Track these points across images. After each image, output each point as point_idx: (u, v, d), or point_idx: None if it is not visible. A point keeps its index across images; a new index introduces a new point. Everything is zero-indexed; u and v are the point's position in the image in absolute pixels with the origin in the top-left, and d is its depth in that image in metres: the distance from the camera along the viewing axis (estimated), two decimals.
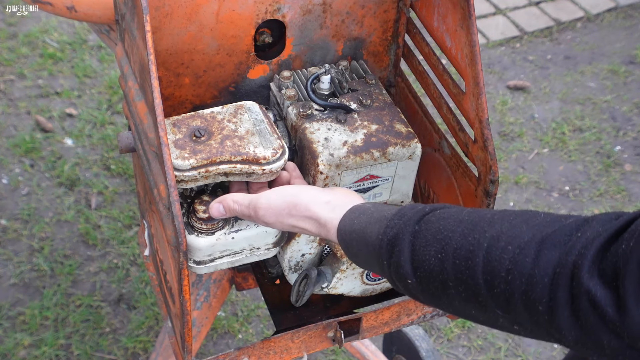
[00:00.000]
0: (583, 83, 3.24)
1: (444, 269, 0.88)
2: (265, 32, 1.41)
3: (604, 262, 0.76)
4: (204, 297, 1.75)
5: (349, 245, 1.02)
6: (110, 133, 2.81)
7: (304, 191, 1.10)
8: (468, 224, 0.88)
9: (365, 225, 1.00)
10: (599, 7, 3.60)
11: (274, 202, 1.10)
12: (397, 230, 0.94)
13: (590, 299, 0.76)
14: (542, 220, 0.84)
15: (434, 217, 0.93)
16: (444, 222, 0.91)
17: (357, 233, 1.00)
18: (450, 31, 1.30)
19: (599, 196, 2.79)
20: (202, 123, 1.25)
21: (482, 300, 0.85)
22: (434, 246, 0.89)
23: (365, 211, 1.02)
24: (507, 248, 0.83)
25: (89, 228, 2.50)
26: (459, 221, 0.90)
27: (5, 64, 3.05)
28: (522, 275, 0.81)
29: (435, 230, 0.90)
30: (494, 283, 0.83)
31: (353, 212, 1.04)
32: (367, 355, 1.95)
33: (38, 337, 2.23)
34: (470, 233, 0.87)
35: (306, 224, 1.08)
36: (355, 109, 1.36)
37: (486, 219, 0.88)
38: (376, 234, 0.97)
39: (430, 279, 0.90)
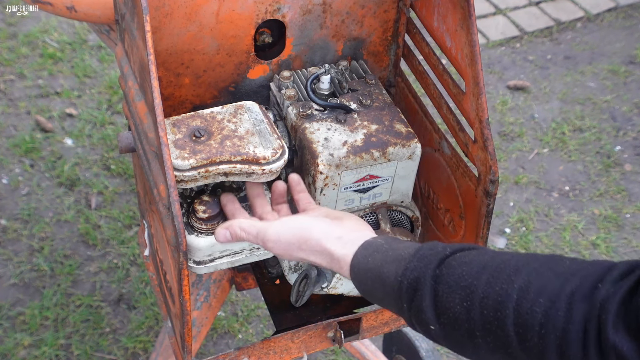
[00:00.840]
0: (583, 83, 3.24)
1: (471, 318, 0.86)
2: (265, 32, 1.41)
3: (628, 314, 0.76)
4: (204, 297, 1.75)
5: (362, 283, 1.00)
6: (110, 133, 2.81)
7: (315, 225, 1.08)
8: (492, 271, 0.87)
9: (380, 264, 0.98)
10: (599, 7, 3.60)
11: (283, 235, 1.08)
12: (417, 274, 0.92)
13: (617, 353, 0.76)
14: (568, 269, 0.83)
15: (455, 261, 0.91)
16: (467, 268, 0.89)
17: (373, 272, 0.98)
18: (450, 31, 1.30)
19: (599, 196, 2.79)
20: (202, 123, 1.25)
21: (512, 352, 0.84)
22: (458, 293, 0.88)
23: (379, 248, 1.00)
24: (538, 300, 0.82)
25: (89, 228, 2.50)
26: (482, 267, 0.88)
27: (5, 64, 3.05)
28: (556, 329, 0.80)
29: (458, 276, 0.89)
30: (527, 336, 0.82)
31: (366, 249, 1.01)
32: (367, 355, 1.95)
33: (38, 337, 2.23)
34: (497, 282, 0.86)
35: (317, 258, 1.06)
36: (355, 109, 1.36)
37: (511, 266, 0.86)
38: (394, 275, 0.95)
39: (455, 327, 0.89)
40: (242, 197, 1.30)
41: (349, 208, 1.34)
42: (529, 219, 2.69)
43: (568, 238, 2.63)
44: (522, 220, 2.69)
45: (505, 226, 2.67)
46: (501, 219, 2.69)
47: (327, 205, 1.31)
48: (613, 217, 2.71)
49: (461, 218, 1.38)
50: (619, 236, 2.66)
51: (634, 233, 2.67)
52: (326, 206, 1.31)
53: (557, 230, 2.66)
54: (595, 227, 2.68)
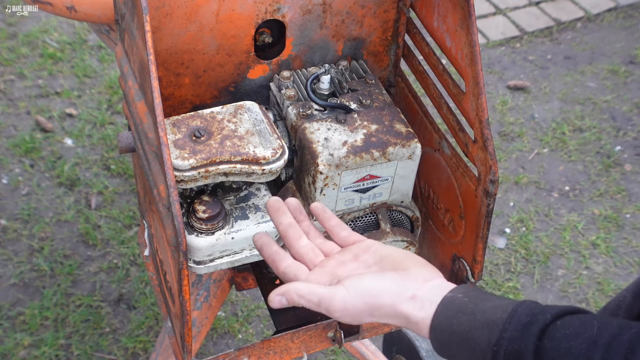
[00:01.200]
0: (583, 83, 3.24)
1: None
2: (265, 32, 1.41)
3: None
4: (204, 297, 1.75)
5: (445, 347, 0.93)
6: (110, 133, 2.81)
7: (385, 288, 0.96)
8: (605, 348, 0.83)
9: (468, 329, 0.90)
10: (599, 7, 3.60)
11: (351, 304, 0.96)
12: (517, 346, 0.86)
13: None
14: None
15: (558, 332, 0.86)
16: (574, 342, 0.84)
17: (459, 336, 0.91)
18: (450, 31, 1.30)
19: (599, 196, 2.79)
20: (202, 123, 1.25)
21: None
22: None
23: (463, 308, 0.92)
24: None
25: (89, 228, 2.50)
26: (592, 343, 0.83)
27: (5, 64, 3.05)
28: None
29: (564, 351, 0.84)
30: None
31: (449, 309, 0.93)
32: (367, 355, 1.95)
33: (38, 337, 2.23)
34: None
35: (392, 321, 0.97)
36: (355, 109, 1.36)
37: (624, 342, 0.82)
38: (486, 343, 0.89)
39: None
40: (242, 197, 1.30)
41: (348, 208, 1.34)
42: (529, 219, 2.69)
43: (568, 238, 2.63)
44: (522, 220, 2.69)
45: (505, 226, 2.67)
46: (501, 219, 2.69)
47: (327, 205, 1.31)
48: (613, 217, 2.71)
49: (461, 218, 1.38)
50: (619, 236, 2.66)
51: (634, 233, 2.67)
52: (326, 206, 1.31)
53: (557, 230, 2.66)
54: (595, 227, 2.68)
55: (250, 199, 1.30)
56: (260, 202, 1.29)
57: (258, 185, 1.32)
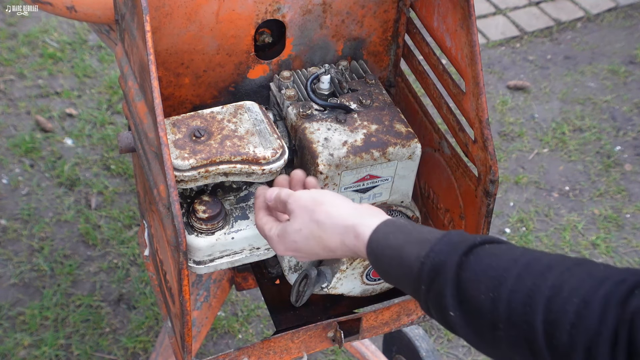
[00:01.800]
0: (583, 83, 3.24)
1: (496, 309, 0.85)
2: (265, 32, 1.41)
3: None
4: (204, 297, 1.75)
5: (378, 260, 0.98)
6: (110, 133, 2.81)
7: (333, 195, 1.06)
8: (524, 265, 0.86)
9: (403, 243, 0.96)
10: (599, 7, 3.60)
11: (304, 197, 1.06)
12: (442, 258, 0.90)
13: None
14: (603, 273, 0.82)
15: (484, 251, 0.89)
16: (496, 259, 0.88)
17: (392, 249, 0.96)
18: (450, 31, 1.30)
19: (599, 196, 2.79)
20: (202, 123, 1.25)
21: (534, 348, 0.83)
22: (484, 283, 0.86)
23: (402, 228, 0.98)
24: (572, 300, 0.81)
25: (89, 228, 2.50)
26: (513, 261, 0.87)
27: (5, 64, 3.05)
28: (587, 330, 0.79)
29: (486, 266, 0.87)
30: (555, 334, 0.81)
31: (388, 226, 0.99)
32: (367, 355, 1.95)
33: (38, 337, 2.23)
34: (528, 277, 0.84)
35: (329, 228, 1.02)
36: (355, 109, 1.36)
37: (543, 263, 0.86)
38: (416, 256, 0.93)
39: (477, 317, 0.87)
40: (242, 197, 1.30)
41: None
42: (529, 219, 2.69)
43: (568, 238, 2.63)
44: (522, 220, 2.69)
45: (505, 226, 2.67)
46: (501, 219, 2.69)
47: None
48: (613, 217, 2.71)
49: (461, 218, 1.38)
50: (619, 236, 2.66)
51: (634, 233, 2.67)
52: None
53: (557, 230, 2.66)
54: (595, 227, 2.68)
55: (250, 199, 1.30)
56: None
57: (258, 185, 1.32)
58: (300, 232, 1.04)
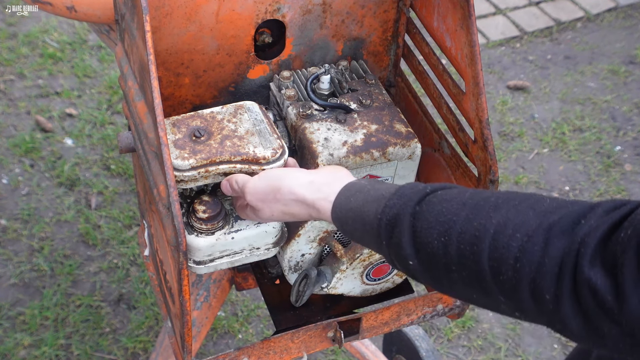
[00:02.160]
0: (583, 83, 3.24)
1: (448, 252, 0.87)
2: (265, 32, 1.41)
3: (606, 250, 0.76)
4: (204, 297, 1.75)
5: (344, 224, 1.02)
6: (110, 133, 2.81)
7: (286, 174, 1.10)
8: (472, 207, 0.88)
9: (362, 203, 0.99)
10: (599, 7, 3.60)
11: (258, 185, 1.11)
12: (396, 211, 0.93)
13: (591, 287, 0.75)
14: (548, 207, 0.83)
15: (436, 198, 0.91)
16: (446, 205, 0.90)
17: (354, 212, 0.99)
18: (450, 31, 1.30)
19: (599, 196, 2.79)
20: (202, 123, 1.25)
21: (485, 286, 0.85)
22: (436, 229, 0.88)
23: (362, 189, 1.01)
24: (515, 235, 0.82)
25: (89, 228, 2.50)
26: (462, 204, 0.89)
27: (5, 64, 3.05)
28: (531, 263, 0.80)
29: (437, 212, 0.89)
30: (501, 270, 0.83)
31: (349, 190, 1.03)
32: (367, 355, 1.95)
33: (38, 337, 2.23)
34: (475, 217, 0.86)
35: (294, 207, 1.07)
36: (355, 109, 1.36)
37: (490, 202, 0.87)
38: (374, 213, 0.96)
39: (432, 262, 0.89)
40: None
41: None
42: None
43: None
44: None
45: None
46: None
47: None
48: None
49: None
50: None
51: None
52: None
53: None
54: None
55: None
56: None
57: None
58: (273, 216, 1.11)
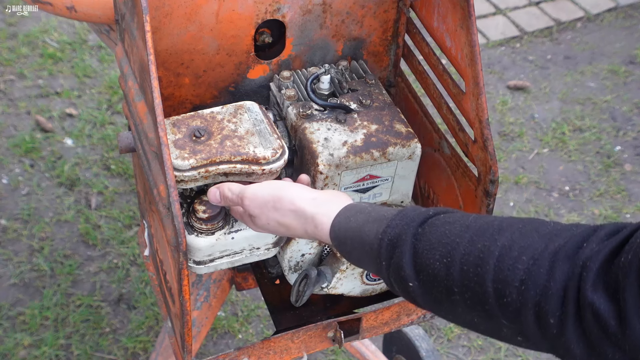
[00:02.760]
0: (583, 83, 3.24)
1: (450, 274, 0.86)
2: (265, 32, 1.41)
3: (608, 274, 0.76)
4: (204, 297, 1.75)
5: (342, 243, 1.01)
6: (110, 133, 2.81)
7: (290, 186, 1.10)
8: (476, 230, 0.87)
9: (362, 223, 0.98)
10: (599, 7, 3.60)
11: (259, 193, 1.11)
12: (398, 231, 0.92)
13: (594, 312, 0.75)
14: (552, 230, 0.83)
15: (438, 220, 0.91)
16: (449, 227, 0.89)
17: (353, 231, 0.99)
18: (450, 31, 1.30)
19: (599, 196, 2.78)
20: (202, 123, 1.25)
21: (488, 309, 0.84)
22: (438, 250, 0.88)
23: (362, 210, 1.01)
24: (521, 258, 0.82)
25: (89, 228, 2.50)
26: (465, 227, 0.88)
27: (5, 64, 3.05)
28: (536, 286, 0.80)
29: (440, 234, 0.89)
30: (505, 292, 0.82)
31: (349, 210, 1.03)
32: (367, 355, 1.95)
33: (38, 337, 2.23)
34: (479, 240, 0.86)
35: (291, 219, 1.07)
36: (355, 109, 1.36)
37: (494, 226, 0.87)
38: (374, 234, 0.95)
39: (433, 284, 0.89)
40: None
41: None
42: None
43: None
44: None
45: None
46: None
47: None
48: (613, 217, 2.71)
49: None
50: None
51: None
52: None
53: None
54: None
55: None
56: None
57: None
58: (269, 225, 1.11)
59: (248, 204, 1.11)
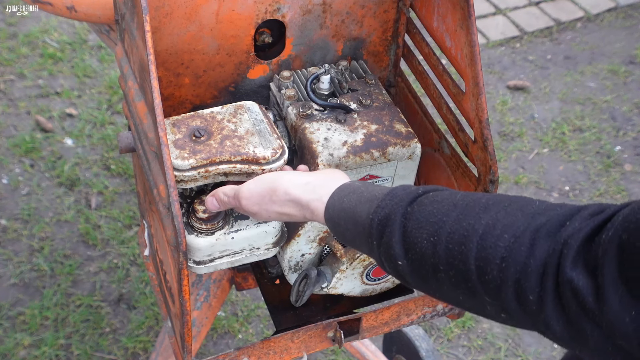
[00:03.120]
0: (583, 83, 3.24)
1: (436, 252, 0.88)
2: (265, 32, 1.41)
3: (589, 252, 0.76)
4: (204, 297, 1.75)
5: (336, 225, 1.02)
6: (110, 133, 2.81)
7: (282, 176, 1.10)
8: (462, 208, 0.88)
9: (355, 204, 0.99)
10: (599, 7, 3.60)
11: (254, 189, 1.11)
12: (388, 211, 0.93)
13: (573, 289, 0.76)
14: (536, 209, 0.84)
15: (427, 199, 0.92)
16: (437, 205, 0.90)
17: (346, 212, 1.00)
18: (450, 31, 1.30)
19: (599, 196, 2.79)
20: (202, 123, 1.25)
21: (471, 286, 0.85)
22: (426, 229, 0.89)
23: (356, 190, 1.02)
24: (503, 236, 0.83)
25: (89, 228, 2.50)
26: (452, 205, 0.89)
27: (5, 64, 3.05)
28: (516, 263, 0.81)
29: (428, 213, 0.90)
30: (487, 270, 0.83)
31: (342, 191, 1.03)
32: (367, 355, 1.95)
33: (38, 337, 2.23)
34: (465, 218, 0.87)
35: (289, 208, 1.07)
36: (355, 109, 1.36)
37: (481, 204, 0.88)
38: (366, 214, 0.96)
39: (421, 262, 0.90)
40: None
41: None
42: None
43: None
44: None
45: None
46: None
47: None
48: None
49: None
50: None
51: None
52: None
53: None
54: None
55: None
56: None
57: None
58: (270, 217, 1.11)
59: (245, 203, 1.12)
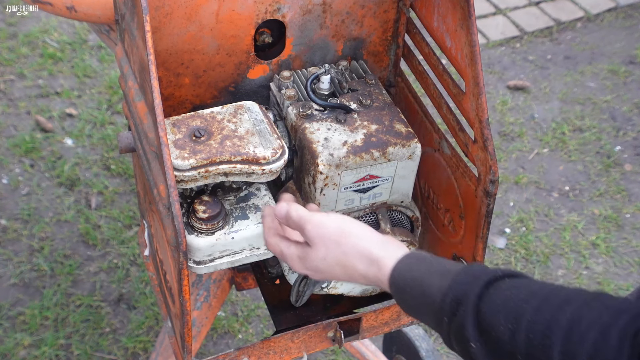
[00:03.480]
0: (583, 83, 3.24)
1: (515, 340, 0.87)
2: (265, 32, 1.41)
3: None
4: (204, 297, 1.75)
5: (401, 291, 1.00)
6: (110, 133, 2.81)
7: (360, 226, 1.07)
8: (543, 298, 0.88)
9: (425, 275, 0.97)
10: (599, 7, 3.60)
11: (326, 222, 1.07)
12: (464, 290, 0.92)
13: None
14: (620, 305, 0.85)
15: (504, 284, 0.91)
16: (515, 291, 0.90)
17: (415, 281, 0.98)
18: (450, 31, 1.30)
19: (599, 196, 2.79)
20: (202, 123, 1.25)
21: None
22: (503, 315, 0.88)
23: (424, 259, 1.00)
24: (590, 332, 0.83)
25: (89, 228, 2.50)
26: (531, 293, 0.89)
27: (5, 64, 3.05)
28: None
29: (505, 298, 0.89)
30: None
31: (411, 258, 1.01)
32: (367, 355, 1.95)
33: (38, 337, 2.23)
34: (547, 309, 0.87)
35: (355, 259, 1.04)
36: (355, 109, 1.36)
37: (561, 296, 0.88)
38: (438, 287, 0.95)
39: (496, 348, 0.89)
40: (242, 197, 1.30)
41: (349, 208, 1.34)
42: (529, 219, 2.69)
43: (568, 238, 2.63)
44: (522, 220, 2.69)
45: (505, 226, 2.67)
46: (501, 219, 2.69)
47: (327, 205, 1.31)
48: (613, 217, 2.71)
49: (461, 218, 1.38)
50: (619, 236, 2.66)
51: (634, 233, 2.67)
52: (326, 206, 1.31)
53: (557, 230, 2.66)
54: (595, 227, 2.68)
55: (250, 199, 1.30)
56: (260, 202, 1.30)
57: (258, 185, 1.32)
58: (325, 260, 1.07)
59: (310, 229, 1.07)
